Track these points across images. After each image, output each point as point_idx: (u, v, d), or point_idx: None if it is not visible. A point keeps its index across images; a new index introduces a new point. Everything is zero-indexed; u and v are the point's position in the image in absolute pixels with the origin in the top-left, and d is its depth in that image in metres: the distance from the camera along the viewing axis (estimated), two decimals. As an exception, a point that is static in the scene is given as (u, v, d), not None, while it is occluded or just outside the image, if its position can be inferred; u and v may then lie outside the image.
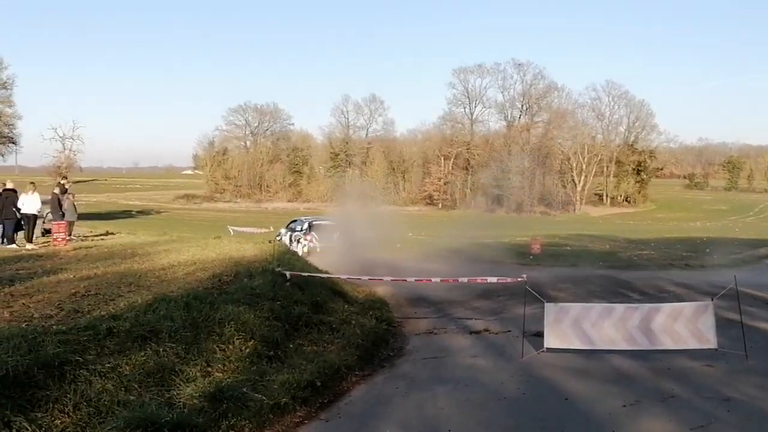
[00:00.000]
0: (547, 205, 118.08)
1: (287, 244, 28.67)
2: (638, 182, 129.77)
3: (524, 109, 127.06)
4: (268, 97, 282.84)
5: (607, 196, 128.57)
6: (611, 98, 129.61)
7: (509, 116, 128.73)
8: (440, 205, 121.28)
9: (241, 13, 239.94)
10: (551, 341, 11.26)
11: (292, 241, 30.12)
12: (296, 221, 33.33)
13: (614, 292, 20.03)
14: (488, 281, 14.75)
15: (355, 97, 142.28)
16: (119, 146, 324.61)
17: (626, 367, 10.74)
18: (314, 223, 31.61)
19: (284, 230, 33.24)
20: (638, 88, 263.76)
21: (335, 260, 21.84)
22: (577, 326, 11.17)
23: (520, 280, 12.38)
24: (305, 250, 27.44)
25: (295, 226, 32.29)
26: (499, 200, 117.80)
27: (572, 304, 12.35)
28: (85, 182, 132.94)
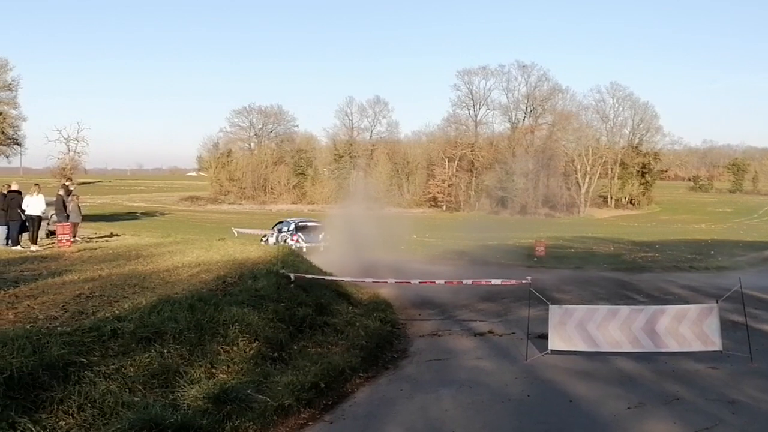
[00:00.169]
0: (551, 207, 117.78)
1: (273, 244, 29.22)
2: (643, 184, 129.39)
3: (528, 111, 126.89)
4: (272, 99, 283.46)
5: (611, 198, 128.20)
6: (616, 100, 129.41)
7: (513, 118, 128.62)
8: (444, 207, 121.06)
9: (245, 15, 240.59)
10: (556, 343, 11.26)
11: (278, 241, 31.12)
12: (282, 223, 35.01)
13: (619, 294, 20.02)
14: (492, 283, 14.74)
15: (359, 98, 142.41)
16: (124, 148, 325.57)
17: (631, 369, 10.73)
18: (300, 224, 33.50)
19: (270, 231, 34.52)
20: (643, 90, 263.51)
21: (338, 261, 21.83)
22: (581, 328, 11.16)
23: (524, 282, 12.36)
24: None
25: (281, 227, 33.81)
26: (503, 202, 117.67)
27: (577, 306, 12.36)
28: (89, 184, 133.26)
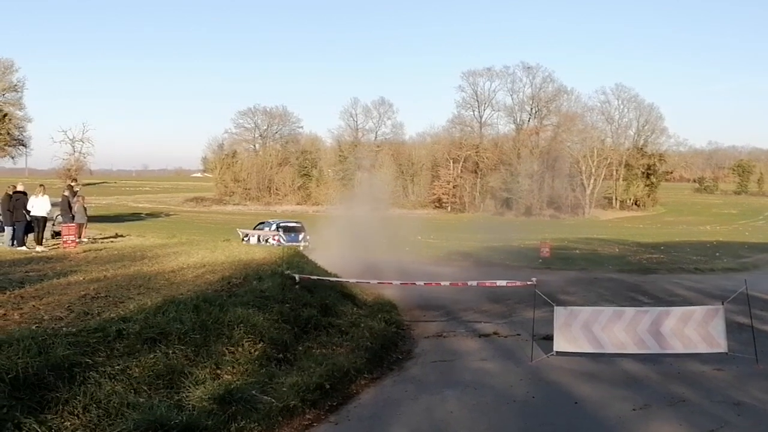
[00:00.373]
0: (556, 208, 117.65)
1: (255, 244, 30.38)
2: (648, 186, 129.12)
3: (533, 112, 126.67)
4: (277, 100, 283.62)
5: (616, 199, 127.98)
6: (621, 101, 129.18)
7: (518, 119, 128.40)
8: (449, 208, 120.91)
9: (250, 16, 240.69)
10: (561, 345, 11.25)
11: (260, 240, 32.69)
12: (264, 223, 36.98)
13: (624, 295, 20.01)
14: (497, 285, 14.71)
15: (364, 100, 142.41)
16: (129, 149, 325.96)
17: (636, 370, 10.72)
18: (282, 225, 35.50)
19: (252, 231, 35.92)
20: (648, 91, 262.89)
21: (342, 262, 21.83)
22: (586, 330, 11.15)
23: (529, 283, 12.35)
24: None
25: (263, 227, 35.67)
26: (508, 203, 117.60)
27: (582, 307, 12.36)
28: (94, 185, 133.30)
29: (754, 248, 43.02)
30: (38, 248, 20.45)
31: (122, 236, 28.30)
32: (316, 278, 15.60)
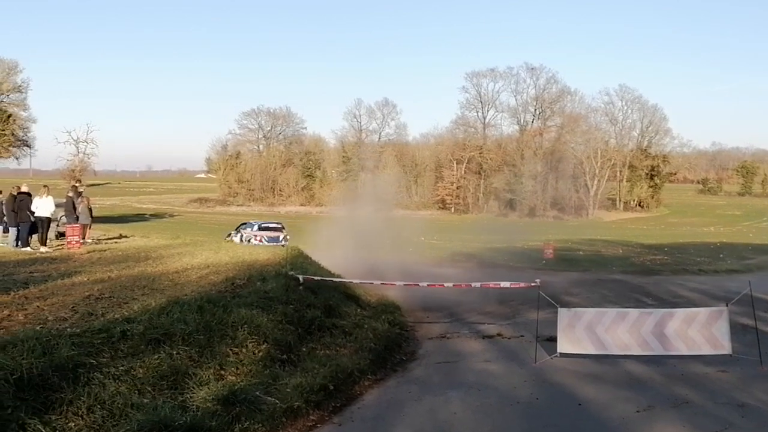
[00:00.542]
0: (560, 209, 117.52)
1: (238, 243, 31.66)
2: (651, 187, 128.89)
3: (537, 113, 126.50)
4: (280, 100, 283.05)
5: (620, 200, 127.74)
6: (624, 102, 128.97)
7: (522, 120, 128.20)
8: (453, 209, 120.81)
9: (253, 16, 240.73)
10: (564, 346, 11.25)
11: (242, 240, 33.92)
12: (246, 224, 38.75)
13: (628, 297, 20.00)
14: (501, 286, 14.71)
15: (367, 101, 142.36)
16: (133, 150, 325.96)
17: (640, 372, 10.71)
18: (263, 225, 37.62)
19: (234, 232, 37.68)
20: (651, 92, 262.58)
21: (345, 263, 21.83)
22: (590, 331, 11.14)
23: (533, 285, 12.35)
24: None
25: (245, 228, 37.40)
26: (511, 205, 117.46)
27: (586, 309, 12.35)
28: (99, 185, 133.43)
29: (758, 250, 42.97)
30: (42, 249, 20.47)
31: (126, 237, 28.32)
32: (319, 279, 15.61)
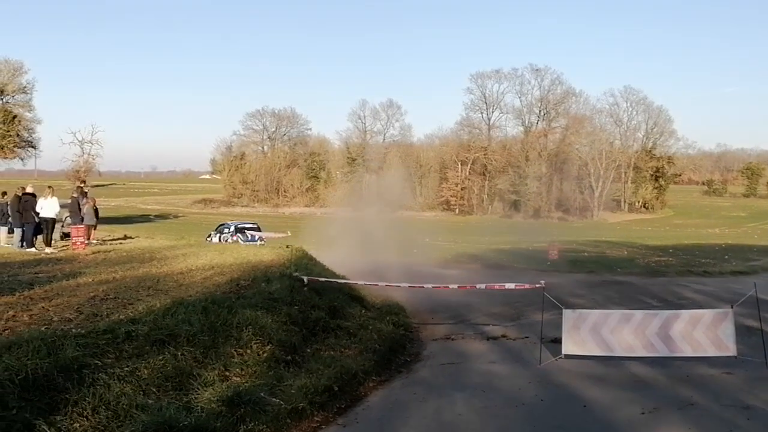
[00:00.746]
0: (564, 211, 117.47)
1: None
2: (656, 188, 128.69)
3: (542, 114, 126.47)
4: (285, 102, 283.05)
5: (624, 202, 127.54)
6: (629, 104, 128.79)
7: (527, 122, 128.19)
8: (457, 210, 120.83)
9: (258, 18, 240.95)
10: (569, 348, 11.23)
11: (221, 241, 35.31)
12: (224, 225, 40.40)
13: (632, 298, 19.94)
14: (506, 287, 14.69)
15: (372, 102, 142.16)
16: (138, 151, 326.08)
17: (645, 374, 10.68)
18: (239, 226, 39.01)
19: (214, 232, 39.40)
20: (656, 93, 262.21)
21: (350, 264, 21.83)
22: (595, 333, 11.13)
23: (537, 286, 12.33)
24: None
25: (223, 229, 39.11)
26: (516, 206, 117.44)
27: (590, 310, 12.33)
28: (103, 186, 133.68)
29: (763, 251, 42.81)
30: (47, 250, 20.51)
31: (131, 238, 28.35)
32: (324, 280, 15.61)
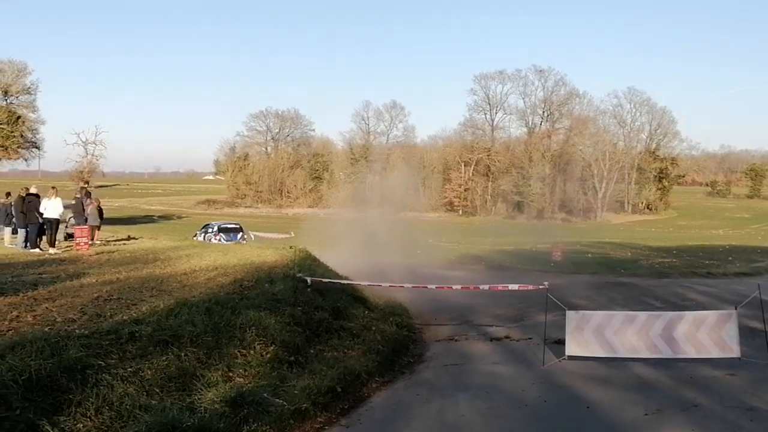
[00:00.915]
0: (568, 212, 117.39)
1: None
2: (660, 189, 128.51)
3: (545, 115, 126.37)
4: (289, 103, 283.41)
5: (628, 203, 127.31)
6: (633, 105, 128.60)
7: (530, 123, 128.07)
8: (460, 211, 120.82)
9: (262, 19, 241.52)
10: (573, 349, 11.22)
11: (205, 240, 36.34)
12: (208, 225, 42.01)
13: (636, 299, 19.91)
14: (509, 288, 14.69)
15: (375, 103, 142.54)
16: (141, 151, 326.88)
17: (648, 375, 10.67)
18: (222, 226, 40.54)
19: (199, 231, 41.17)
20: (660, 95, 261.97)
21: (353, 265, 21.83)
22: (598, 334, 11.11)
23: (541, 287, 12.33)
24: None
25: (207, 228, 40.63)
26: (519, 207, 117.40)
27: (594, 311, 12.30)
28: (107, 187, 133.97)
29: (766, 252, 42.74)
30: (51, 250, 20.52)
31: (134, 238, 28.40)
32: (327, 281, 15.61)
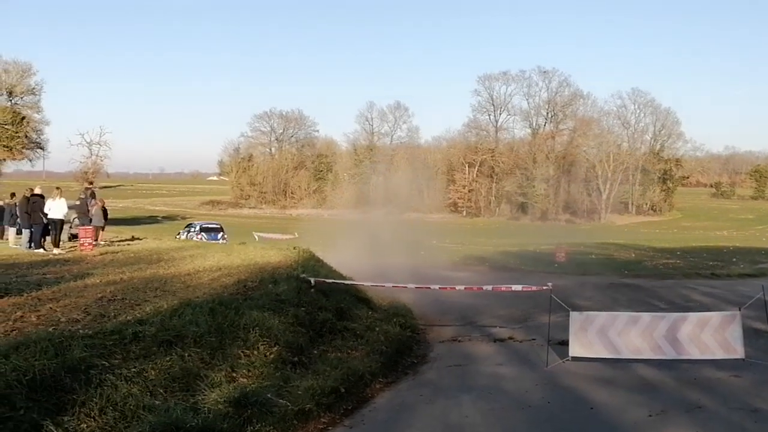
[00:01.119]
0: (572, 213, 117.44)
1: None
2: (664, 191, 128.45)
3: (549, 116, 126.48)
4: (293, 103, 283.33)
5: (632, 204, 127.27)
6: (637, 106, 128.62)
7: (534, 124, 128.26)
8: (464, 212, 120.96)
9: (266, 19, 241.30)
10: (576, 350, 11.20)
11: (187, 238, 37.79)
12: (191, 225, 44.33)
13: (640, 300, 19.87)
14: (513, 289, 14.68)
15: (379, 104, 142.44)
16: (146, 152, 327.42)
17: (652, 376, 10.64)
18: (204, 226, 42.74)
19: (182, 231, 43.15)
20: (664, 96, 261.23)
21: (357, 265, 21.83)
22: (602, 335, 11.09)
23: (545, 288, 12.31)
24: None
25: (190, 228, 42.86)
26: (523, 208, 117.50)
27: (598, 312, 12.27)
28: (111, 188, 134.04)
29: (771, 254, 42.68)
30: (55, 251, 20.58)
31: (138, 239, 28.46)
32: (331, 282, 15.62)
